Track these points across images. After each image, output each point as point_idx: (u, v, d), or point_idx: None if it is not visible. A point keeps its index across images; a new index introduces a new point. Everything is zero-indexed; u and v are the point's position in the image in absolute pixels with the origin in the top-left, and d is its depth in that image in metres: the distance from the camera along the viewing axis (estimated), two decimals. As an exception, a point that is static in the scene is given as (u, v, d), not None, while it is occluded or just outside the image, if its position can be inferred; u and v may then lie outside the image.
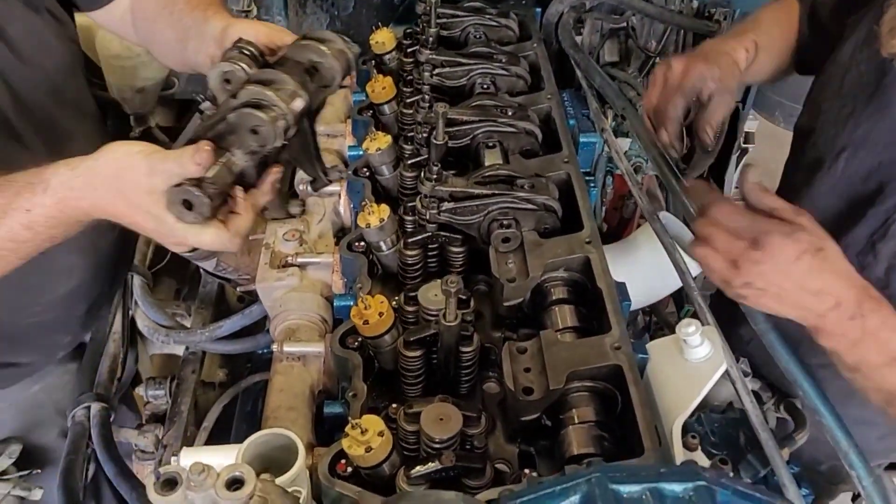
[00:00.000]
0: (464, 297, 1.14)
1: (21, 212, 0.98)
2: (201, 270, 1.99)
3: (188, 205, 0.97)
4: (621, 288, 1.22)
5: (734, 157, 2.58)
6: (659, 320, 2.04)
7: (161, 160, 0.99)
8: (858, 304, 0.98)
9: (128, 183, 0.98)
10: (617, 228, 2.21)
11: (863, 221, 1.17)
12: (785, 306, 1.04)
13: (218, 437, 1.73)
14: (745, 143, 2.58)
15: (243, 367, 2.02)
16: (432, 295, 1.19)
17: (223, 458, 1.04)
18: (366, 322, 1.17)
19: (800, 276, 1.02)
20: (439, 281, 1.14)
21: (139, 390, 1.89)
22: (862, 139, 1.15)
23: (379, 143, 1.47)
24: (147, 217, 0.99)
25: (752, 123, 2.61)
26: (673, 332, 1.17)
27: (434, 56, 1.67)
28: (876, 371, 0.97)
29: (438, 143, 1.46)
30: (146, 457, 1.82)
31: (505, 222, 1.32)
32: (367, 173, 1.48)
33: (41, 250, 1.04)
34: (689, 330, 1.05)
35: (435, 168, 1.35)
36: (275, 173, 1.15)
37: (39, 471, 1.69)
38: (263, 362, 1.93)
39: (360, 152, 1.51)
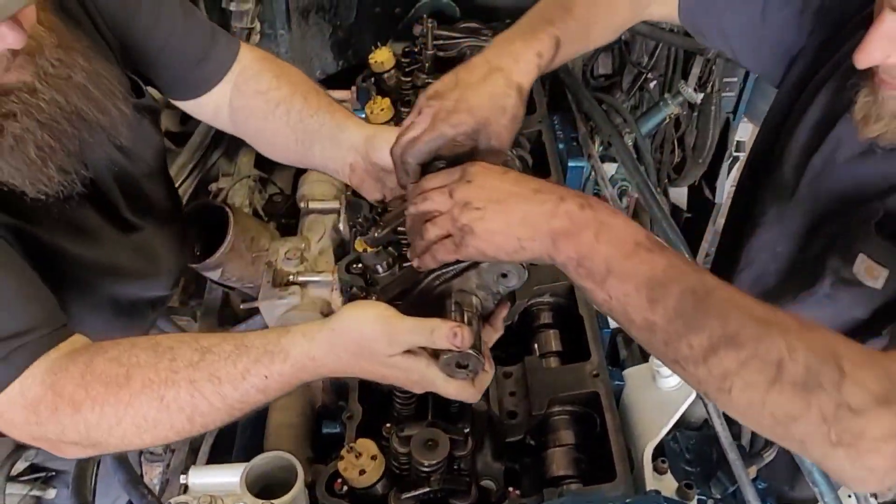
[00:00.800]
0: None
1: (258, 377, 0.99)
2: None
3: (461, 365, 0.97)
4: (601, 315, 1.30)
5: (726, 165, 2.64)
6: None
7: (405, 332, 0.96)
8: (580, 196, 0.88)
9: (368, 350, 0.97)
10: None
11: (819, 237, 1.21)
12: (512, 220, 0.87)
13: (222, 440, 1.81)
14: (736, 151, 2.65)
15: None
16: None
17: (229, 476, 1.13)
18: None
19: (514, 181, 0.90)
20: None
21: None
22: (824, 165, 1.20)
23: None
24: (391, 371, 0.99)
25: (743, 131, 2.67)
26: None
27: (430, 80, 1.73)
28: (624, 265, 0.82)
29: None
30: (154, 458, 1.92)
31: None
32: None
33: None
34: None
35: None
36: (505, 309, 1.09)
37: (54, 473, 1.78)
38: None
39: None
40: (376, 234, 1.15)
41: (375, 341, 0.96)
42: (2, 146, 1.06)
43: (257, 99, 1.37)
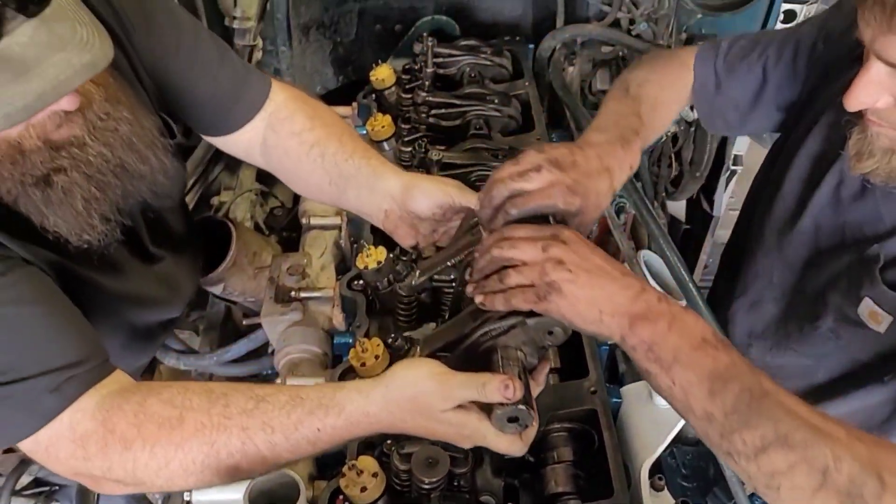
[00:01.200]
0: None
1: (311, 430, 1.01)
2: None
3: (513, 419, 1.00)
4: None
5: (723, 179, 2.65)
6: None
7: (458, 387, 1.00)
8: (658, 291, 0.95)
9: (423, 406, 1.00)
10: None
11: (822, 272, 1.23)
12: (598, 293, 0.93)
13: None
14: (733, 164, 2.66)
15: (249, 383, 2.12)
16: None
17: (232, 493, 1.14)
18: (363, 364, 1.27)
19: (604, 257, 0.97)
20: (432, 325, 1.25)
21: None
22: (828, 199, 1.21)
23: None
24: (442, 427, 1.02)
25: (741, 145, 2.69)
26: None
27: (430, 98, 1.76)
28: (691, 356, 0.88)
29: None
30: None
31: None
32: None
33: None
34: (659, 379, 1.14)
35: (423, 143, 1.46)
36: (547, 365, 1.12)
37: (58, 487, 1.80)
38: (268, 382, 2.03)
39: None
40: (413, 282, 1.19)
41: (430, 396, 1.00)
42: (51, 199, 1.08)
43: (291, 140, 1.38)
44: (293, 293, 1.60)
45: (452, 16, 2.32)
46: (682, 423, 1.17)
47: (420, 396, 1.00)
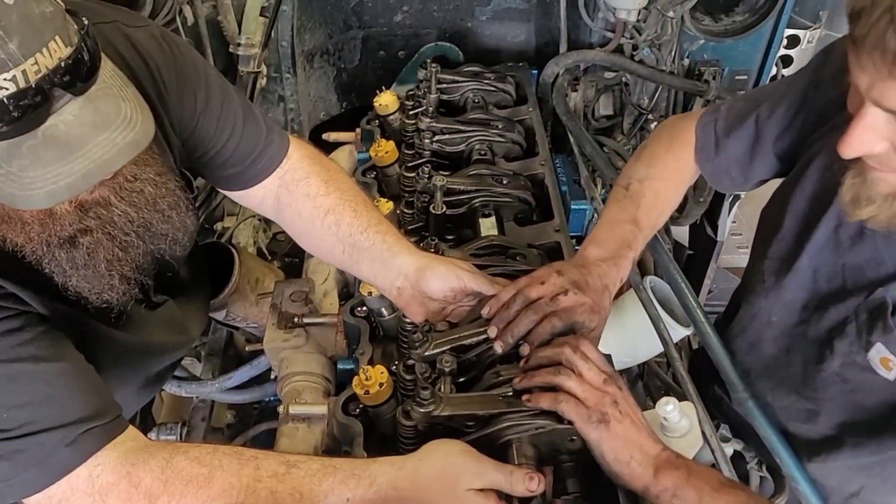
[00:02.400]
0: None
1: (340, 499, 1.03)
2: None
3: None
4: (607, 359, 1.29)
5: (727, 204, 2.65)
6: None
7: (490, 468, 1.06)
8: (674, 452, 1.09)
9: (452, 480, 1.04)
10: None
11: (825, 316, 1.20)
12: (635, 440, 1.08)
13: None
14: (737, 189, 2.66)
15: (251, 409, 2.10)
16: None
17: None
18: (366, 392, 1.25)
19: (640, 416, 1.12)
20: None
21: (151, 435, 1.97)
22: (826, 240, 1.19)
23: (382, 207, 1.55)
24: None
25: (744, 170, 2.69)
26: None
27: (434, 124, 1.76)
28: (714, 496, 1.01)
29: (436, 213, 1.54)
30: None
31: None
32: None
33: None
34: (668, 409, 1.13)
35: (433, 242, 1.43)
36: (550, 474, 1.20)
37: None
38: (271, 409, 2.01)
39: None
40: (426, 353, 1.25)
41: (462, 472, 1.04)
42: (76, 260, 1.09)
43: (305, 202, 1.39)
44: (296, 319, 1.59)
45: (456, 42, 2.34)
46: (694, 452, 1.15)
47: (452, 469, 1.04)
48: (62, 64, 0.87)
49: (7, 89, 0.84)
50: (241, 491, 1.02)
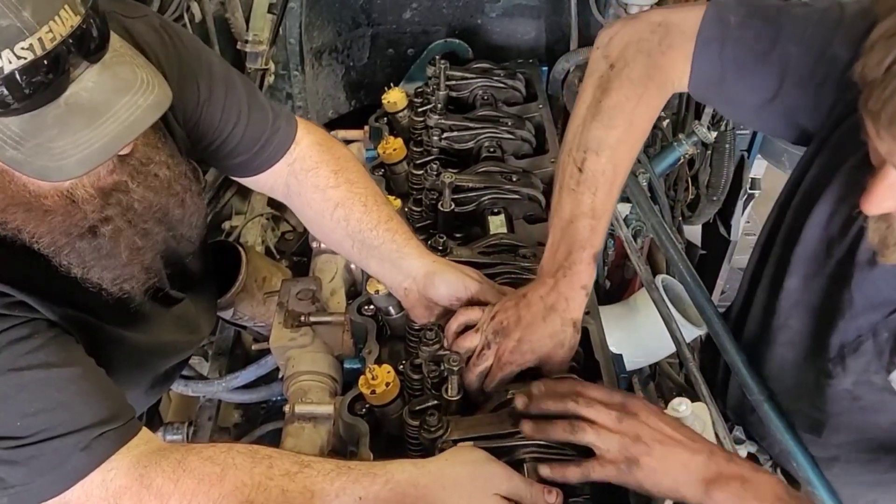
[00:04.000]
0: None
1: (352, 498, 1.00)
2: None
3: None
4: (618, 359, 1.27)
5: (740, 203, 2.62)
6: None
7: (517, 478, 1.05)
8: (725, 450, 1.03)
9: (482, 480, 1.02)
10: (619, 287, 2.26)
11: (836, 332, 1.14)
12: (673, 463, 1.00)
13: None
14: (751, 188, 2.62)
15: (258, 409, 2.09)
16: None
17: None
18: (373, 391, 1.23)
19: (673, 426, 1.03)
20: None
21: (158, 434, 1.96)
22: (847, 252, 1.11)
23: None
24: None
25: (758, 168, 2.65)
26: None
27: (442, 121, 1.74)
28: None
29: (445, 210, 1.52)
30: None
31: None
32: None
33: None
34: (681, 409, 1.10)
35: (441, 240, 1.41)
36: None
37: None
38: (277, 409, 2.00)
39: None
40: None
41: (494, 476, 1.03)
42: (100, 250, 1.08)
43: (314, 194, 1.38)
44: (302, 318, 1.57)
45: (465, 39, 2.32)
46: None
47: (482, 473, 1.03)
48: (76, 31, 0.87)
49: (25, 58, 0.83)
50: (252, 489, 1.00)
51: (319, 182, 1.37)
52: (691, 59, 1.15)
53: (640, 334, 1.59)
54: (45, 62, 0.85)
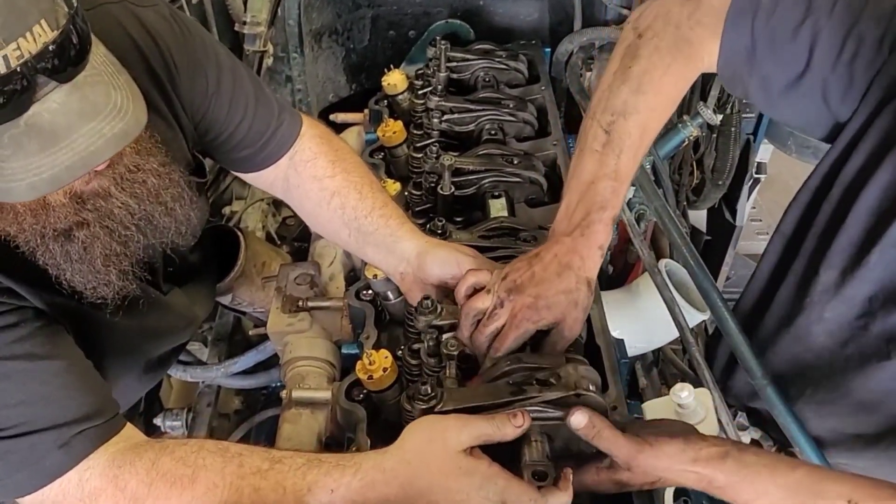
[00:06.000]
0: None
1: (325, 491, 0.99)
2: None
3: (541, 476, 0.99)
4: (619, 345, 1.25)
5: (746, 188, 2.58)
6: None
7: (474, 420, 1.01)
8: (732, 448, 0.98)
9: (440, 442, 0.98)
10: (622, 271, 2.23)
11: (889, 312, 1.09)
12: (667, 465, 0.97)
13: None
14: (756, 173, 2.59)
15: (258, 395, 2.08)
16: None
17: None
18: (370, 377, 1.22)
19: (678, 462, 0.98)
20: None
21: (157, 420, 1.95)
22: None
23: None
24: (457, 482, 0.97)
25: (764, 152, 2.61)
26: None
27: (443, 102, 1.71)
28: None
29: (444, 193, 1.50)
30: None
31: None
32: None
33: None
34: (683, 395, 1.08)
35: (440, 223, 1.39)
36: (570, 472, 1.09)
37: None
38: (277, 394, 1.98)
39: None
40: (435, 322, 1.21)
41: (447, 430, 0.99)
42: (70, 254, 1.05)
43: (312, 184, 1.37)
44: (300, 303, 1.55)
45: (467, 20, 2.28)
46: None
47: (435, 433, 0.99)
48: (48, 48, 0.83)
49: None
50: (224, 489, 0.99)
51: (317, 172, 1.37)
52: (720, 35, 1.14)
53: (641, 319, 1.57)
54: (8, 81, 0.81)
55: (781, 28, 1.09)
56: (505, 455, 1.01)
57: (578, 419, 0.99)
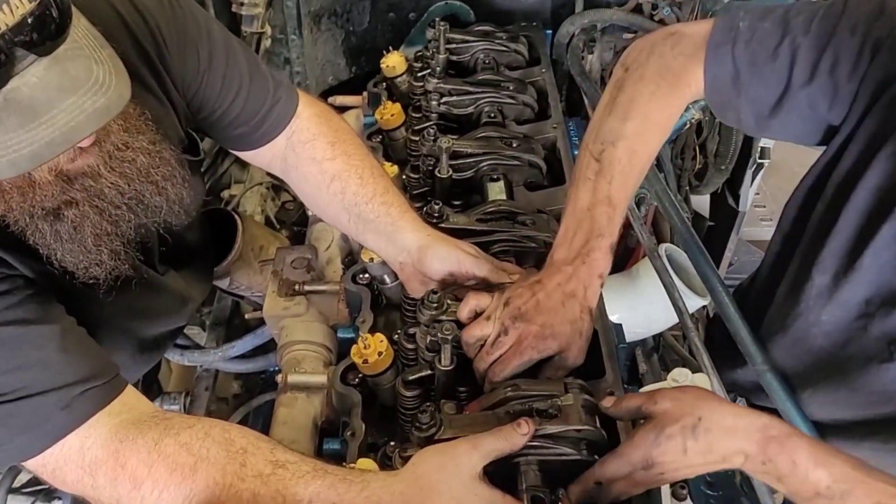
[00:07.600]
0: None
1: None
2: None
3: (540, 501, 1.00)
4: (617, 329, 1.23)
5: (749, 173, 2.56)
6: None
7: (484, 438, 0.99)
8: (763, 450, 0.92)
9: (452, 465, 0.96)
10: (622, 257, 2.21)
11: (887, 314, 1.09)
12: (703, 458, 0.95)
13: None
14: (760, 158, 2.56)
15: (257, 379, 2.07)
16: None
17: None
18: (365, 361, 1.20)
19: (699, 459, 0.96)
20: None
21: (156, 404, 1.95)
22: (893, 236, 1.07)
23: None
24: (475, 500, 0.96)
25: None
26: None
27: (442, 85, 1.69)
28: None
29: (442, 176, 1.48)
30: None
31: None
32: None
33: None
34: (681, 380, 1.06)
35: (437, 206, 1.37)
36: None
37: (58, 484, 1.76)
38: (275, 378, 1.98)
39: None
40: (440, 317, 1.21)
41: (460, 452, 0.97)
42: (60, 234, 1.04)
43: (311, 166, 1.35)
44: (297, 287, 1.54)
45: (467, 1, 2.24)
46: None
47: (447, 458, 0.97)
48: (26, 20, 0.81)
49: None
50: (223, 489, 0.97)
51: (316, 154, 1.35)
52: (703, 64, 1.18)
53: (641, 304, 1.55)
54: None
55: (761, 50, 1.13)
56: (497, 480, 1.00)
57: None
